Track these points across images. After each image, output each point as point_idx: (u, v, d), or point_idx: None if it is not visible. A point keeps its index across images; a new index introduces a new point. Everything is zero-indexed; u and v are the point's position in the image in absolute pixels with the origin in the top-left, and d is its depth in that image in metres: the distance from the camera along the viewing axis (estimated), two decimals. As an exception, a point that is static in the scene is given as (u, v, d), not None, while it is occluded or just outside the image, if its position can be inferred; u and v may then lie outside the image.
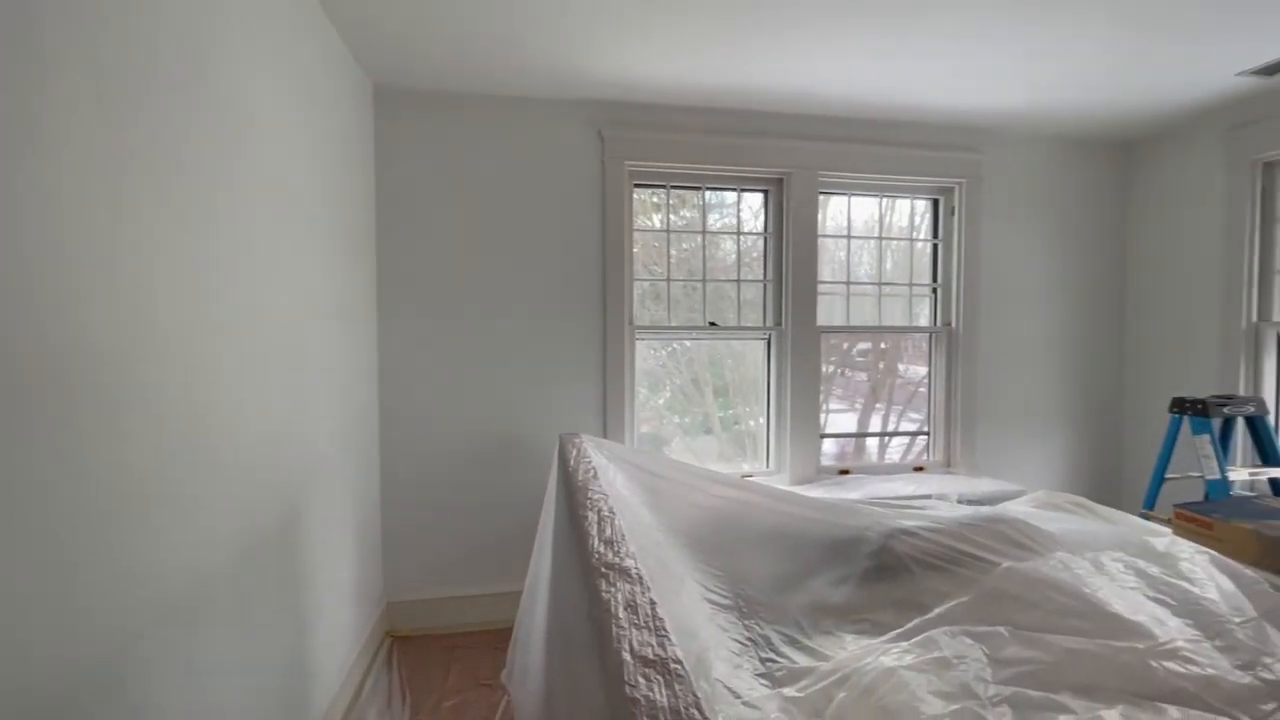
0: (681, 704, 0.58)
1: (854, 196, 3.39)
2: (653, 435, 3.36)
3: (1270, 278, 2.93)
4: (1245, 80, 2.70)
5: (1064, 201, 3.50)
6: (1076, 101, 2.97)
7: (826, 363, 3.55)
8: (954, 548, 1.34)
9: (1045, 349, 3.52)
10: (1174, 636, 1.16)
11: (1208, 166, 3.13)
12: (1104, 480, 3.58)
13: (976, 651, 1.06)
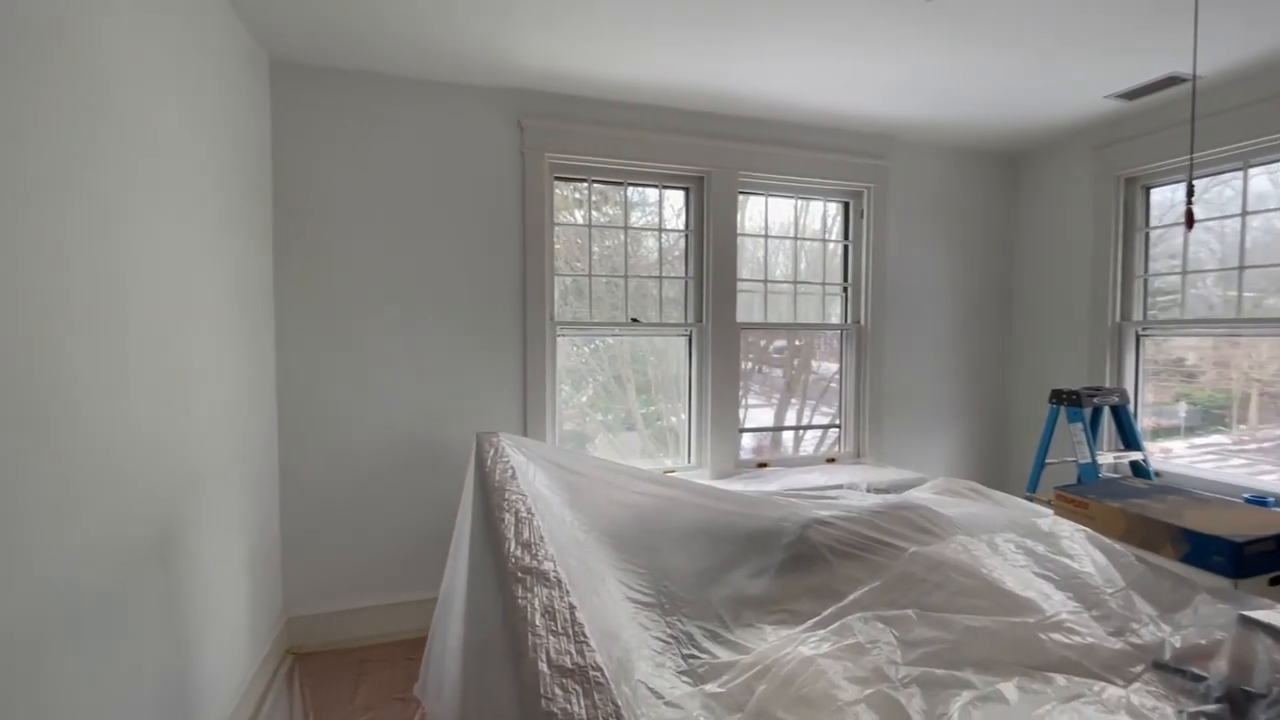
0: (601, 714, 0.55)
1: (771, 197, 3.48)
2: (576, 433, 3.31)
3: (1131, 282, 3.27)
4: (1112, 103, 2.99)
5: (960, 208, 3.76)
6: (971, 116, 3.19)
7: (745, 359, 3.63)
8: (865, 535, 1.39)
9: (943, 346, 3.76)
10: (1059, 609, 1.26)
11: (1080, 180, 3.45)
12: (994, 465, 3.88)
13: (888, 635, 1.11)
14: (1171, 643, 1.22)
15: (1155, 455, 3.16)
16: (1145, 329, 3.23)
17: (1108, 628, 1.29)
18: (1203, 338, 3.05)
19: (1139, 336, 3.25)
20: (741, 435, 3.42)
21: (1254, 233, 2.83)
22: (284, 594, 2.61)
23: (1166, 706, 1.05)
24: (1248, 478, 2.87)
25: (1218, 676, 1.12)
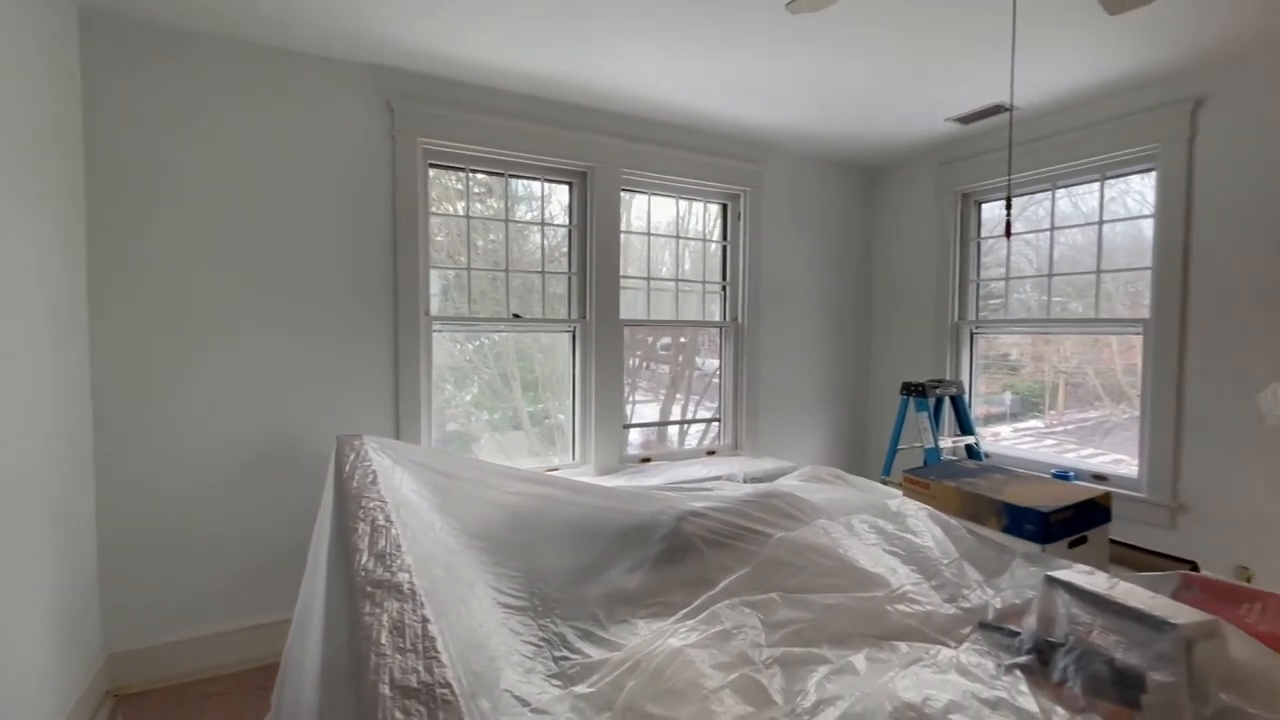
0: (445, 734, 0.51)
1: (654, 196, 3.53)
2: (461, 434, 3.17)
3: (966, 286, 3.69)
4: (951, 125, 3.35)
5: (827, 215, 4.03)
6: (835, 130, 3.43)
7: (633, 356, 3.67)
8: (736, 524, 1.44)
9: (813, 342, 4.02)
10: (903, 582, 1.38)
11: (926, 193, 3.83)
12: (858, 452, 4.21)
13: (753, 619, 1.16)
14: (993, 604, 1.38)
15: (986, 439, 3.59)
16: (978, 327, 3.65)
17: (943, 595, 1.43)
18: (1022, 335, 3.49)
19: (972, 334, 3.67)
20: (629, 431, 3.45)
21: (1060, 246, 3.29)
22: (103, 627, 2.26)
23: (988, 662, 1.18)
24: (1056, 456, 3.33)
25: (1028, 631, 1.27)
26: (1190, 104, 2.68)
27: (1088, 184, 3.15)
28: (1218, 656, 1.16)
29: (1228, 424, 2.58)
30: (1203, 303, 2.67)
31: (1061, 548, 1.77)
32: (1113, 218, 3.06)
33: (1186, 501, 2.72)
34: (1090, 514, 1.82)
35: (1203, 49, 2.48)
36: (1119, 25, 2.29)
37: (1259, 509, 2.50)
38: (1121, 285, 3.07)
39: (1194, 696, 1.08)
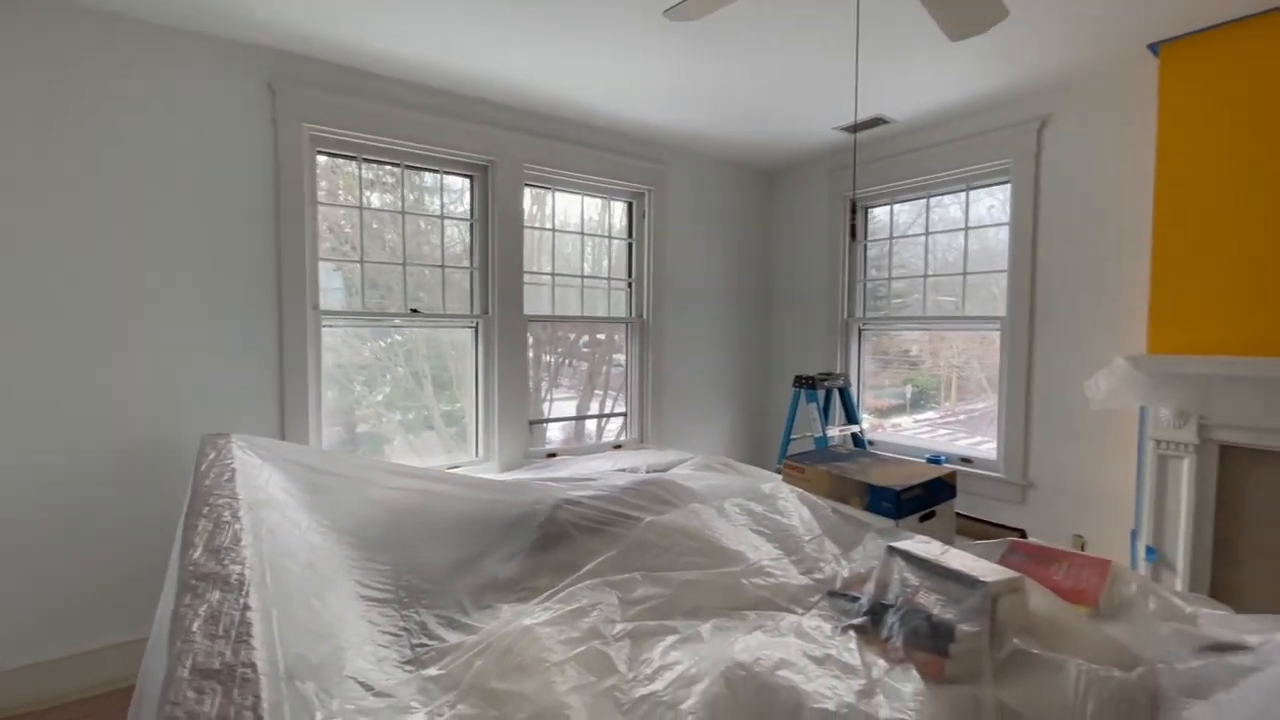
0: (235, 708, 0.53)
1: (559, 192, 3.56)
2: (373, 435, 3.08)
3: (854, 286, 3.94)
4: (839, 134, 3.57)
5: (728, 215, 4.19)
6: (735, 133, 3.58)
7: (553, 353, 3.71)
8: (611, 510, 1.50)
9: (716, 338, 4.18)
10: (762, 558, 1.49)
11: (818, 198, 4.06)
12: (757, 442, 4.41)
13: (611, 597, 1.22)
14: (842, 574, 1.51)
15: (887, 430, 3.86)
16: (865, 324, 3.92)
17: (800, 569, 1.55)
18: (923, 331, 3.76)
19: (860, 330, 3.93)
20: (545, 428, 3.52)
21: (954, 251, 3.58)
22: (-69, 655, 2.04)
23: (828, 625, 1.30)
24: (940, 443, 3.62)
25: (867, 595, 1.40)
26: (1037, 123, 2.99)
27: (954, 193, 3.45)
28: (1018, 608, 1.33)
29: (1066, 410, 2.91)
30: (1048, 302, 3.00)
31: (913, 522, 1.95)
32: (978, 224, 3.37)
33: (1035, 479, 3.05)
34: (938, 491, 2.01)
35: (1045, 74, 2.78)
36: (975, 50, 2.53)
37: (1090, 484, 2.84)
38: (990, 285, 3.38)
39: (994, 643, 1.23)
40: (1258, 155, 2.20)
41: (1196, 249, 2.34)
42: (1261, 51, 2.19)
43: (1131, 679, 1.14)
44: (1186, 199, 2.36)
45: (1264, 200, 2.19)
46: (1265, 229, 2.19)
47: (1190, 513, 2.30)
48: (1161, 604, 1.53)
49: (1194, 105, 2.35)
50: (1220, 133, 2.29)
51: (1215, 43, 2.29)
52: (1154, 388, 2.34)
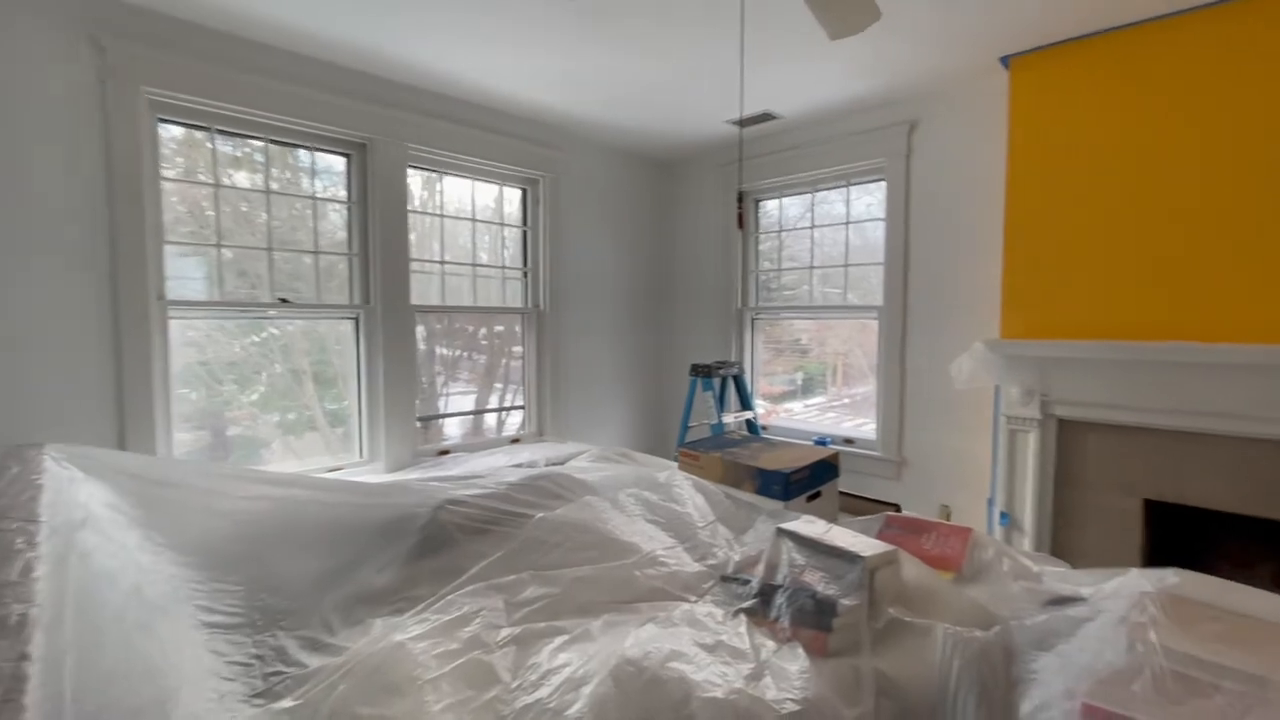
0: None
1: (449, 176, 3.37)
2: (247, 439, 2.77)
3: (748, 276, 4.06)
4: (730, 127, 3.64)
5: (627, 204, 4.18)
6: (631, 122, 3.55)
7: (451, 346, 3.53)
8: (498, 509, 1.43)
9: (616, 328, 4.16)
10: (656, 548, 1.47)
11: (712, 190, 4.14)
12: (658, 431, 4.45)
13: (497, 601, 1.15)
14: (734, 558, 1.53)
15: (780, 415, 4.02)
16: (757, 313, 4.05)
17: (694, 555, 1.55)
18: (811, 320, 3.91)
19: (753, 319, 4.06)
20: (443, 423, 3.35)
21: (831, 244, 3.76)
22: None
23: (720, 610, 1.31)
24: (826, 426, 3.81)
25: (757, 578, 1.43)
26: (907, 126, 3.20)
27: (837, 189, 3.64)
28: (893, 579, 1.41)
29: (936, 391, 3.15)
30: (919, 292, 3.23)
31: (801, 503, 2.02)
32: (858, 219, 3.57)
33: (908, 456, 3.29)
34: (823, 472, 2.11)
35: (913, 81, 2.98)
36: (853, 53, 2.66)
37: (955, 458, 3.10)
38: (870, 277, 3.59)
39: (871, 614, 1.29)
40: (1096, 162, 2.48)
41: (1041, 245, 2.60)
42: (1100, 66, 2.45)
43: (990, 638, 1.23)
44: (1033, 200, 2.62)
45: (1100, 203, 2.47)
46: (1101, 228, 2.47)
47: (1035, 480, 2.57)
48: (1013, 565, 1.68)
49: (1040, 114, 2.60)
50: (1063, 140, 2.55)
51: (1059, 58, 2.55)
52: (1006, 369, 2.59)
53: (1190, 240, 2.28)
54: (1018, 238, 2.66)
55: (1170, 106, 2.31)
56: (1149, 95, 2.35)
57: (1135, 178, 2.38)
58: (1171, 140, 2.30)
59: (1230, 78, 2.19)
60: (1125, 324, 2.40)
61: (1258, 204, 2.15)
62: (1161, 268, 2.33)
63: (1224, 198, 2.21)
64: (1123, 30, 2.39)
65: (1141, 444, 2.37)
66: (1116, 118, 2.42)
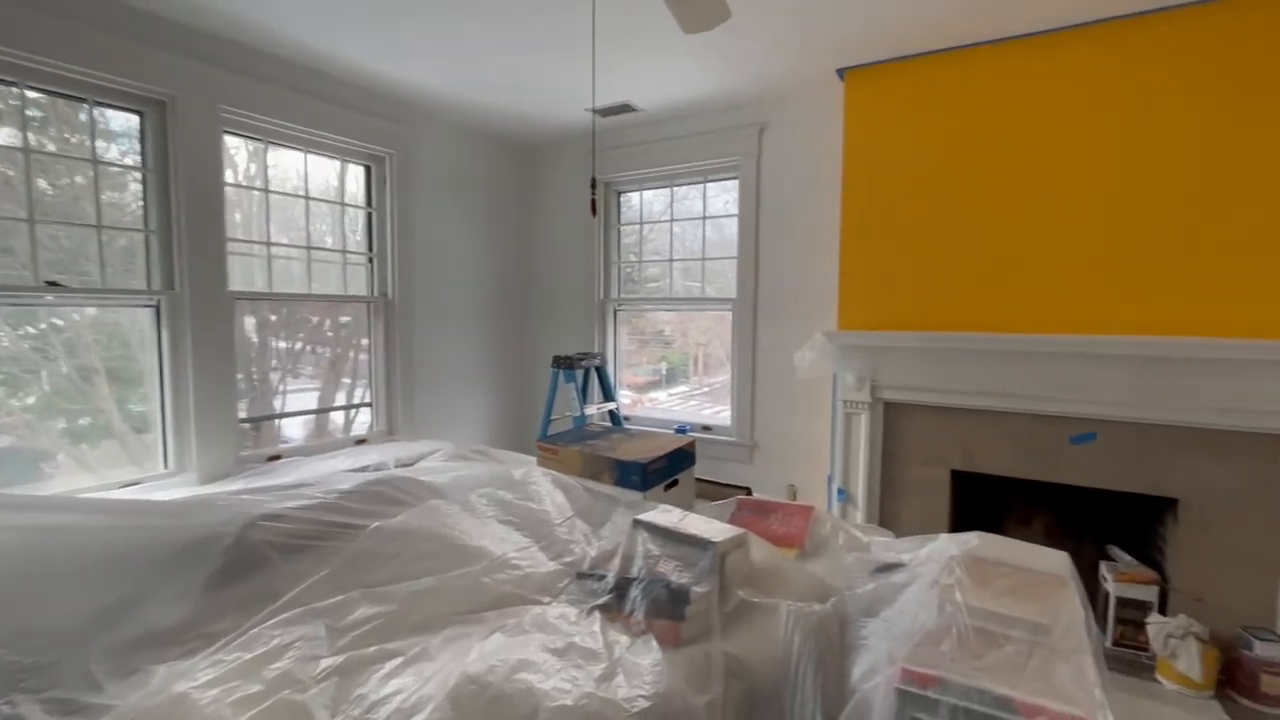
0: None
1: (278, 146, 2.98)
2: (22, 451, 2.25)
3: (609, 267, 4.06)
4: (596, 117, 3.59)
5: (486, 189, 3.98)
6: (491, 103, 3.37)
7: (291, 338, 3.14)
8: (324, 521, 1.27)
9: (474, 319, 3.96)
10: (508, 550, 1.40)
11: (575, 178, 4.07)
12: (521, 426, 4.32)
13: (317, 628, 1.01)
14: (590, 554, 1.50)
15: (645, 405, 4.06)
16: (619, 305, 4.06)
17: (550, 554, 1.50)
18: (674, 312, 3.98)
19: (615, 311, 4.08)
20: (279, 426, 2.98)
21: (692, 238, 3.85)
22: None
23: (574, 610, 1.27)
24: (694, 413, 3.92)
25: (613, 572, 1.41)
26: (758, 128, 3.36)
27: (695, 184, 3.74)
28: (742, 562, 1.46)
29: (783, 378, 3.36)
30: (769, 286, 3.42)
31: (659, 492, 2.05)
32: (714, 215, 3.70)
33: (759, 440, 3.49)
34: (680, 460, 2.15)
35: (762, 85, 3.12)
36: (707, 53, 2.72)
37: (800, 440, 3.34)
38: (728, 271, 3.73)
39: (722, 599, 1.32)
40: (916, 171, 2.75)
41: (873, 245, 2.86)
42: (927, 83, 2.72)
43: (827, 610, 1.31)
44: (865, 204, 2.87)
45: (921, 208, 2.75)
46: (922, 231, 2.75)
47: (866, 458, 2.83)
48: (847, 538, 1.83)
49: (871, 124, 2.85)
50: (890, 150, 2.81)
51: (888, 74, 2.79)
52: (842, 358, 2.81)
53: (992, 244, 2.61)
54: (852, 238, 2.90)
55: (979, 126, 2.63)
56: (962, 114, 2.66)
57: (949, 187, 2.69)
58: (979, 154, 2.63)
59: (1029, 103, 2.54)
60: (939, 317, 2.71)
61: (1050, 214, 2.52)
62: (967, 268, 2.66)
63: (1022, 207, 2.56)
64: (942, 54, 2.67)
65: (949, 422, 2.70)
66: (933, 132, 2.71)
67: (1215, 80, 2.23)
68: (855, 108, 2.88)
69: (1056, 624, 1.02)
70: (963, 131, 2.65)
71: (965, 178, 2.65)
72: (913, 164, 2.75)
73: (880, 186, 2.83)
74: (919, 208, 2.75)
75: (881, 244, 2.83)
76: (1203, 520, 2.28)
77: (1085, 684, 0.85)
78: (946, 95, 2.68)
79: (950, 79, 2.67)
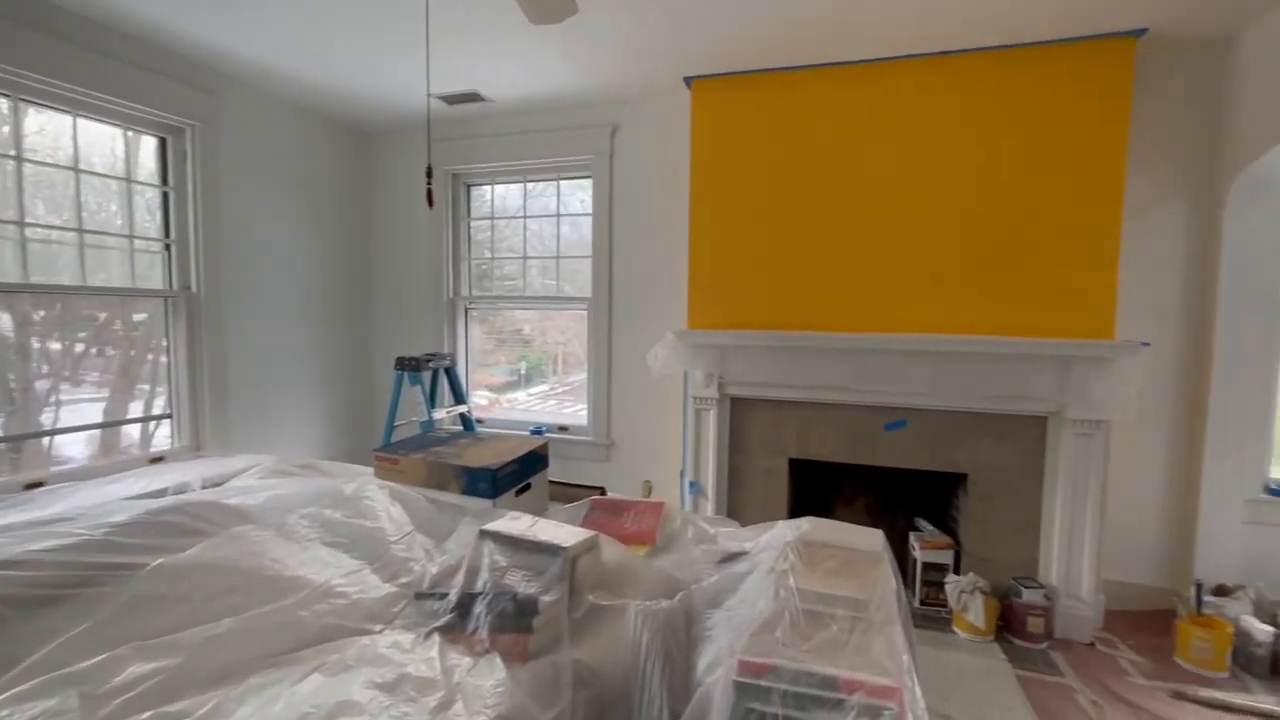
0: None
1: (30, 104, 2.43)
2: None
3: (459, 263, 3.86)
4: (437, 103, 3.38)
5: (317, 173, 3.59)
6: (320, 77, 3.03)
7: (67, 339, 2.59)
8: (87, 564, 1.04)
9: (304, 318, 3.56)
10: (331, 576, 1.25)
11: (421, 168, 3.80)
12: (364, 433, 3.97)
13: (67, 699, 0.82)
14: (431, 571, 1.39)
15: (504, 405, 3.90)
16: (471, 303, 3.88)
17: (384, 575, 1.37)
18: (534, 310, 3.85)
19: (467, 309, 3.89)
20: (48, 444, 2.44)
21: (550, 237, 3.76)
22: None
23: (408, 636, 1.17)
24: (555, 413, 3.83)
25: (456, 588, 1.32)
26: (610, 128, 3.38)
27: (549, 181, 3.68)
28: (593, 565, 1.44)
29: (637, 377, 3.42)
30: (623, 286, 3.45)
31: (510, 498, 1.97)
32: (568, 213, 3.66)
33: (616, 439, 3.52)
34: (533, 463, 2.08)
35: (614, 86, 3.14)
36: (559, 48, 2.67)
37: (655, 437, 3.42)
38: (586, 270, 3.70)
39: (572, 605, 1.29)
40: (760, 179, 2.92)
41: (718, 248, 2.99)
42: (767, 98, 2.88)
43: (674, 605, 1.34)
44: (711, 208, 2.99)
45: (761, 214, 2.93)
46: (763, 235, 2.93)
47: (715, 451, 2.97)
48: (696, 531, 1.88)
49: (715, 132, 2.98)
50: (732, 157, 2.95)
51: (733, 86, 2.93)
52: (691, 356, 2.92)
53: (822, 251, 2.85)
54: (700, 241, 3.02)
55: (810, 143, 2.85)
56: (797, 130, 2.86)
57: (786, 198, 2.89)
58: (811, 169, 2.85)
59: (853, 125, 2.80)
60: (779, 317, 2.91)
61: (871, 227, 2.79)
62: (803, 272, 2.88)
63: (848, 218, 2.82)
64: (779, 72, 2.86)
65: (787, 414, 2.91)
66: (772, 145, 2.90)
67: (997, 116, 2.62)
68: (701, 116, 3.00)
69: (873, 598, 1.12)
70: (797, 147, 2.87)
71: (800, 190, 2.87)
72: (754, 174, 2.93)
73: (725, 193, 2.97)
74: (760, 215, 2.93)
75: (726, 248, 2.98)
76: (986, 492, 2.68)
77: (894, 652, 0.93)
78: (784, 111, 2.88)
79: (787, 96, 2.87)
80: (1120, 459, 2.64)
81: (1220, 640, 2.28)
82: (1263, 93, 2.34)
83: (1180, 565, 2.67)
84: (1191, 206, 2.63)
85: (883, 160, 2.75)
